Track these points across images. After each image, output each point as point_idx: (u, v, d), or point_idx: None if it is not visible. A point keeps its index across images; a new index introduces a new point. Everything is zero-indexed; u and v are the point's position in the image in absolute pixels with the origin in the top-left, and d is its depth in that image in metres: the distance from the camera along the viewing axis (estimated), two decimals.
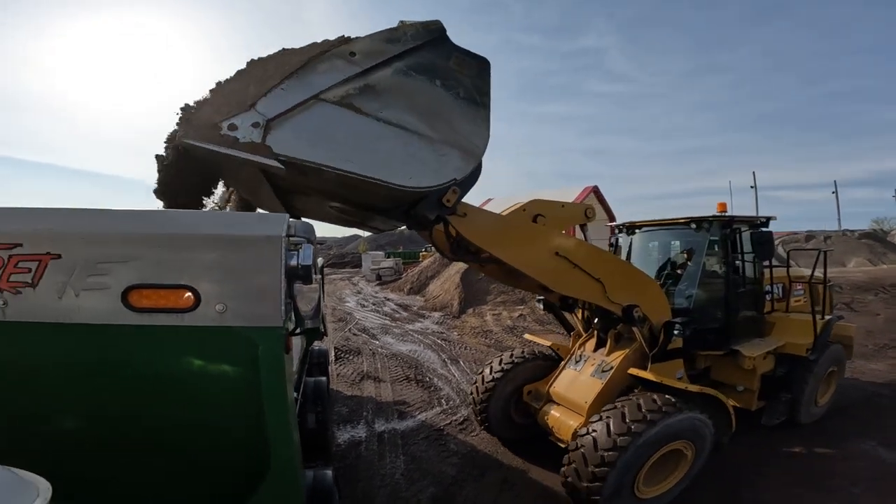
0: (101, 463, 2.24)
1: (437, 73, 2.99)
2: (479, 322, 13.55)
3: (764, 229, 5.36)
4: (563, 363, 5.14)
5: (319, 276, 5.02)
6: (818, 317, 5.38)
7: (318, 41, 2.75)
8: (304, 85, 2.63)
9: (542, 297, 5.17)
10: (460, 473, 4.79)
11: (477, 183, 3.42)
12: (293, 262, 2.16)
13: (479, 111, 3.12)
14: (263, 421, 2.21)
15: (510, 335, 11.70)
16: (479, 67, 3.12)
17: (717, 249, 5.25)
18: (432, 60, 2.98)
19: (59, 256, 2.01)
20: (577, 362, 4.97)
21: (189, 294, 2.07)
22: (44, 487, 1.40)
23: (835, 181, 43.49)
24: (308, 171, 2.61)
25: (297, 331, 2.58)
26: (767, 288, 5.64)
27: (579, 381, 4.71)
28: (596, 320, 4.98)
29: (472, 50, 3.11)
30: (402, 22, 2.95)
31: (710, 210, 5.28)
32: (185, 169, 2.80)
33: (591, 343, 5.04)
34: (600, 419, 3.79)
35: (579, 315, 5.32)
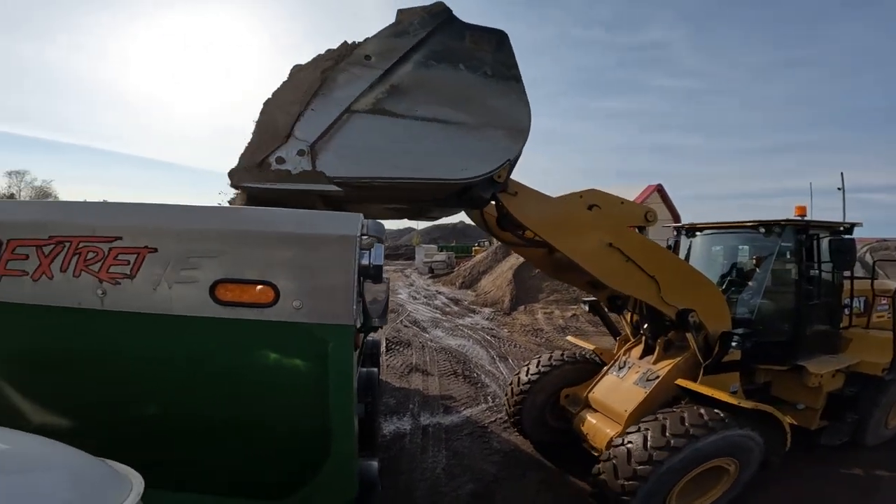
0: (182, 448, 2.39)
1: (457, 57, 2.85)
2: (530, 320, 13.45)
3: (846, 237, 4.91)
4: (605, 368, 4.98)
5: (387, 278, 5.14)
6: None
7: (323, 52, 2.70)
8: (331, 101, 2.60)
9: (587, 299, 5.07)
10: (501, 472, 4.85)
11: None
12: (365, 262, 2.23)
13: (511, 85, 2.96)
14: (328, 414, 2.31)
15: (561, 335, 11.51)
16: (497, 41, 2.94)
17: (788, 257, 4.88)
18: (447, 45, 2.84)
19: (156, 250, 2.14)
20: (620, 368, 4.80)
21: (270, 290, 2.16)
22: (137, 482, 1.41)
23: None
24: (362, 185, 2.65)
25: (364, 328, 2.63)
26: (847, 301, 5.17)
27: (621, 389, 4.55)
28: (646, 325, 4.78)
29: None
30: (401, 11, 2.82)
31: (787, 213, 4.90)
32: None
33: (638, 350, 4.86)
34: (621, 443, 3.60)
35: (628, 318, 5.16)
